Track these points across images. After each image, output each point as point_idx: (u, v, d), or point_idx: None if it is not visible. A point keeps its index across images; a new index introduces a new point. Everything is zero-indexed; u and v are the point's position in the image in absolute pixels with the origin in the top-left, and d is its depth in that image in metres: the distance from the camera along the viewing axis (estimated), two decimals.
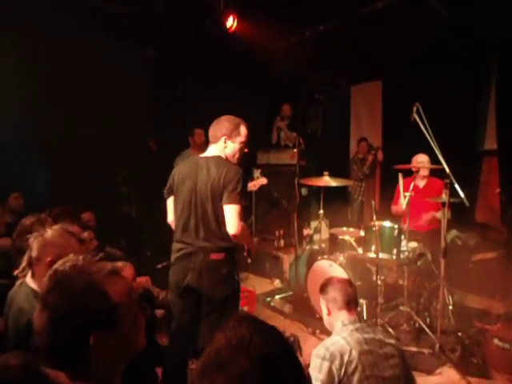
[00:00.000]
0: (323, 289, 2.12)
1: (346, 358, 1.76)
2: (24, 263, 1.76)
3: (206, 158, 2.50)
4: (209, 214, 2.39)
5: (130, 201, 5.27)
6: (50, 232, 1.76)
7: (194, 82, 5.32)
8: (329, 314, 2.05)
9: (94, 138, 4.69)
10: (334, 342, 1.85)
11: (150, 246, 5.06)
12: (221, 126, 2.49)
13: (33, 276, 1.74)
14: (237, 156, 2.53)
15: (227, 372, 0.73)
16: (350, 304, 2.02)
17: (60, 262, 1.07)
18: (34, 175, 4.40)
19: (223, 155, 2.49)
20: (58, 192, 4.26)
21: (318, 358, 1.79)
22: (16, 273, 1.79)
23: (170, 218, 2.64)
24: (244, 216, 2.59)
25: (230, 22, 4.58)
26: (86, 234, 3.21)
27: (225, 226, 2.35)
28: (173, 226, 2.63)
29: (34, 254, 1.71)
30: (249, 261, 2.98)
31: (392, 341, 1.95)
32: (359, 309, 3.47)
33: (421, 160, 3.84)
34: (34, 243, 1.72)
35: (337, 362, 1.75)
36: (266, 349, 0.76)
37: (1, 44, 4.01)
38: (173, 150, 4.85)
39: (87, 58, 4.53)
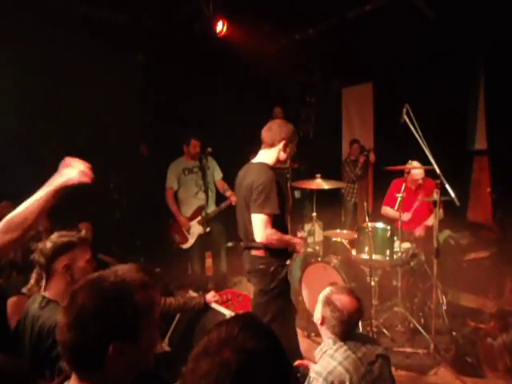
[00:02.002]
0: (328, 302, 1.90)
1: None
2: (32, 280, 1.79)
3: (251, 164, 2.65)
4: (247, 218, 2.51)
5: (122, 207, 5.23)
6: (49, 244, 1.76)
7: (185, 87, 5.31)
8: (321, 323, 1.92)
9: (85, 144, 4.66)
10: (330, 369, 1.73)
11: (143, 252, 5.02)
12: (280, 129, 2.55)
13: (45, 289, 1.74)
14: (288, 157, 2.66)
15: (211, 359, 0.79)
16: (347, 333, 1.86)
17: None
18: (22, 182, 4.34)
19: (271, 159, 2.58)
20: None
21: None
22: (24, 290, 1.82)
23: None
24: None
25: (220, 27, 4.58)
26: None
27: None
28: None
29: (45, 268, 1.72)
30: (287, 262, 2.89)
31: (379, 350, 1.89)
32: None
33: (414, 173, 3.87)
34: (41, 258, 1.71)
35: None
36: (250, 343, 0.81)
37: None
38: (165, 155, 4.83)
39: (77, 64, 4.50)
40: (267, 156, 2.59)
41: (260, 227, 2.39)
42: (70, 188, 1.60)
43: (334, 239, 4.10)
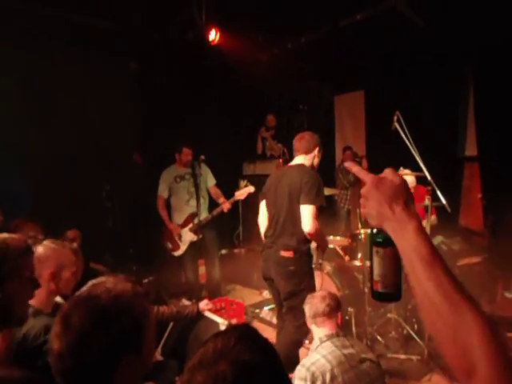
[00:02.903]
0: (307, 303, 2.18)
1: (327, 377, 1.74)
2: None
3: (290, 166, 2.91)
4: (285, 213, 2.70)
5: (115, 215, 5.19)
6: (40, 248, 1.73)
7: (178, 95, 5.33)
8: (309, 324, 2.10)
9: (78, 152, 4.64)
10: (313, 361, 1.82)
11: (136, 260, 4.99)
12: (313, 138, 2.94)
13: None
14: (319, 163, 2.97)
15: (206, 371, 0.78)
16: (317, 317, 2.04)
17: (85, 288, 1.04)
18: (14, 190, 4.31)
19: (308, 163, 2.85)
20: (40, 207, 4.18)
21: (300, 380, 1.76)
22: None
23: (260, 218, 3.01)
24: (231, 227, 2.67)
25: (213, 36, 4.61)
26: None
27: (299, 226, 2.60)
28: (261, 227, 2.99)
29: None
30: (320, 261, 3.44)
31: (370, 355, 1.94)
32: (347, 318, 3.47)
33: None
34: None
35: (319, 383, 1.73)
36: (246, 355, 0.79)
37: None
38: (158, 163, 4.82)
39: (70, 72, 4.50)
40: (304, 161, 2.85)
41: (310, 217, 2.57)
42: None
43: None
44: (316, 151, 2.92)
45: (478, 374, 0.59)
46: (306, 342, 3.46)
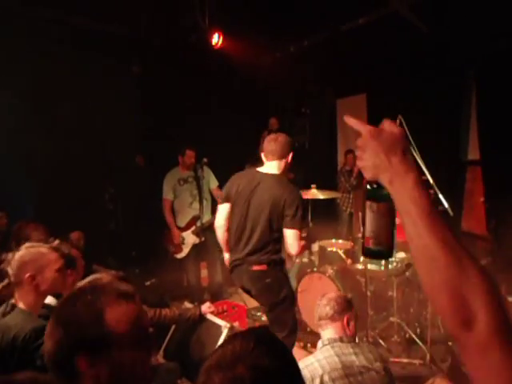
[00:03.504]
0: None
1: (317, 382, 1.71)
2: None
3: (266, 174, 2.63)
4: (261, 230, 2.55)
5: (118, 217, 5.21)
6: (18, 254, 1.77)
7: (181, 98, 5.35)
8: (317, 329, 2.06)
9: (81, 155, 4.66)
10: (308, 363, 1.80)
11: (138, 263, 5.00)
12: (284, 143, 2.66)
13: (18, 300, 1.73)
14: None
15: (224, 373, 0.77)
16: (321, 320, 2.00)
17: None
18: (18, 193, 4.34)
19: (281, 170, 2.66)
20: (43, 210, 4.21)
21: None
22: None
23: (220, 222, 2.79)
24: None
25: (216, 39, 4.64)
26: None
27: (275, 243, 2.55)
28: (220, 230, 2.80)
29: (13, 278, 1.72)
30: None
31: (378, 364, 1.86)
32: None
33: None
34: (8, 269, 1.73)
35: None
36: (264, 360, 0.79)
37: None
38: (160, 165, 4.84)
39: (74, 76, 4.53)
40: (278, 167, 2.65)
41: (297, 242, 2.51)
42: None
43: (329, 249, 4.10)
44: (290, 157, 2.71)
45: (477, 325, 0.60)
46: (309, 345, 3.47)
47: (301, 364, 1.78)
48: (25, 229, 3.09)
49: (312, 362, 1.79)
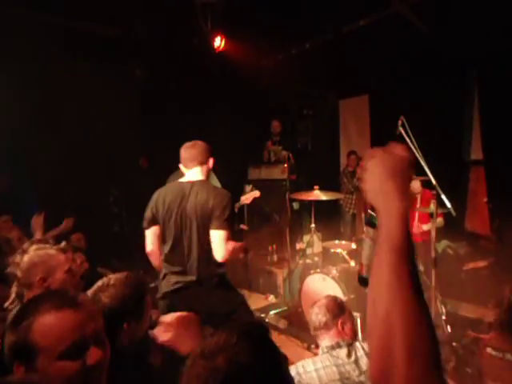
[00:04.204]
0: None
1: None
2: (13, 295, 1.77)
3: (191, 182, 2.44)
4: (200, 241, 2.35)
5: (122, 220, 5.24)
6: (26, 257, 1.77)
7: (183, 101, 5.38)
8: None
9: (85, 158, 4.70)
10: (308, 370, 1.78)
11: (142, 265, 5.01)
12: (203, 148, 2.54)
13: None
14: None
15: (205, 362, 0.80)
16: (316, 331, 1.96)
17: None
18: (22, 196, 4.37)
19: (205, 177, 2.51)
20: (47, 212, 4.23)
21: None
22: (7, 305, 1.79)
23: (151, 248, 2.47)
24: (236, 231, 2.60)
25: (218, 42, 4.67)
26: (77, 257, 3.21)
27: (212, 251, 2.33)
28: (154, 257, 2.49)
29: (23, 281, 1.73)
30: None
31: None
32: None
33: (413, 188, 3.92)
34: (18, 272, 1.73)
35: None
36: (242, 357, 0.81)
37: None
38: (164, 167, 4.86)
39: (76, 80, 4.57)
40: (201, 173, 2.49)
41: (222, 243, 2.31)
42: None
43: (332, 250, 4.11)
44: (211, 163, 2.55)
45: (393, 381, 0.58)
46: (313, 346, 3.47)
47: (301, 368, 1.79)
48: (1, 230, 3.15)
49: (310, 371, 1.77)
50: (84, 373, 0.98)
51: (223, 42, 4.67)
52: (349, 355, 1.83)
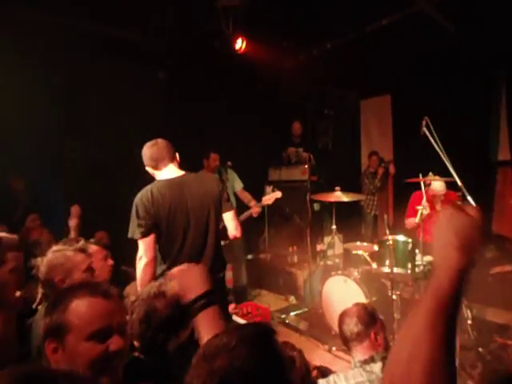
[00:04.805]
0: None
1: None
2: (39, 295, 1.82)
3: (179, 177, 2.42)
4: (215, 230, 2.39)
5: None
6: (46, 257, 1.81)
7: (205, 103, 5.43)
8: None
9: (109, 161, 4.81)
10: None
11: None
12: (167, 144, 2.52)
13: None
14: None
15: (205, 364, 0.81)
16: (348, 343, 1.89)
17: None
18: (49, 195, 4.50)
19: (182, 171, 2.50)
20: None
21: None
22: (35, 306, 1.84)
23: (152, 255, 2.31)
24: (257, 232, 2.65)
25: (239, 44, 4.69)
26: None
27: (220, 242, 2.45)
28: (151, 264, 2.32)
29: (45, 282, 1.78)
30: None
31: None
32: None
33: (437, 189, 3.83)
34: (39, 273, 1.78)
35: None
36: (237, 362, 0.80)
37: (23, 75, 4.16)
38: (186, 169, 4.93)
39: (101, 82, 4.69)
40: (178, 168, 2.52)
41: (236, 220, 2.50)
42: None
43: (354, 252, 4.07)
44: (178, 157, 2.56)
45: None
46: (334, 348, 3.45)
47: (332, 381, 1.75)
48: (31, 234, 3.27)
49: None
50: (106, 358, 1.07)
51: (244, 44, 4.69)
52: (383, 370, 1.76)
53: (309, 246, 4.65)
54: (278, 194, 4.30)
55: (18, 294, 1.59)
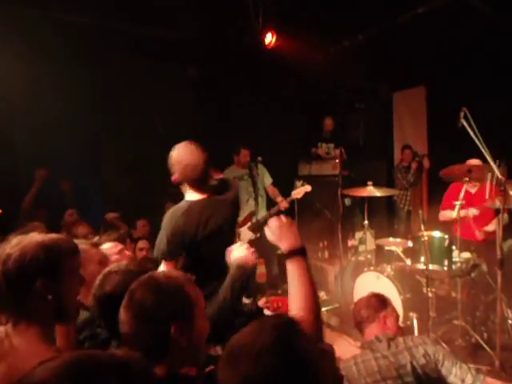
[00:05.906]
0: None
1: None
2: None
3: (201, 200, 2.24)
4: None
5: None
6: None
7: (235, 98, 5.46)
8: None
9: (143, 158, 4.94)
10: (349, 364, 1.81)
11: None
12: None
13: None
14: None
15: (230, 364, 0.84)
16: (358, 327, 2.08)
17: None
18: (87, 192, 4.68)
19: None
20: (110, 207, 4.50)
21: None
22: None
23: None
24: None
25: (269, 38, 4.67)
26: (140, 244, 3.42)
27: None
28: None
29: None
30: None
31: (422, 360, 1.74)
32: (408, 323, 3.36)
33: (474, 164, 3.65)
34: None
35: None
36: (263, 367, 0.80)
37: (62, 76, 4.32)
38: (216, 164, 4.98)
39: (133, 81, 4.81)
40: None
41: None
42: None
43: (387, 248, 3.99)
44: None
45: None
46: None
47: (344, 362, 1.85)
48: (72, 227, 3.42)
49: (350, 366, 1.81)
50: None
51: (274, 38, 4.66)
52: (388, 348, 1.83)
53: (340, 242, 4.59)
54: (308, 188, 4.27)
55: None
